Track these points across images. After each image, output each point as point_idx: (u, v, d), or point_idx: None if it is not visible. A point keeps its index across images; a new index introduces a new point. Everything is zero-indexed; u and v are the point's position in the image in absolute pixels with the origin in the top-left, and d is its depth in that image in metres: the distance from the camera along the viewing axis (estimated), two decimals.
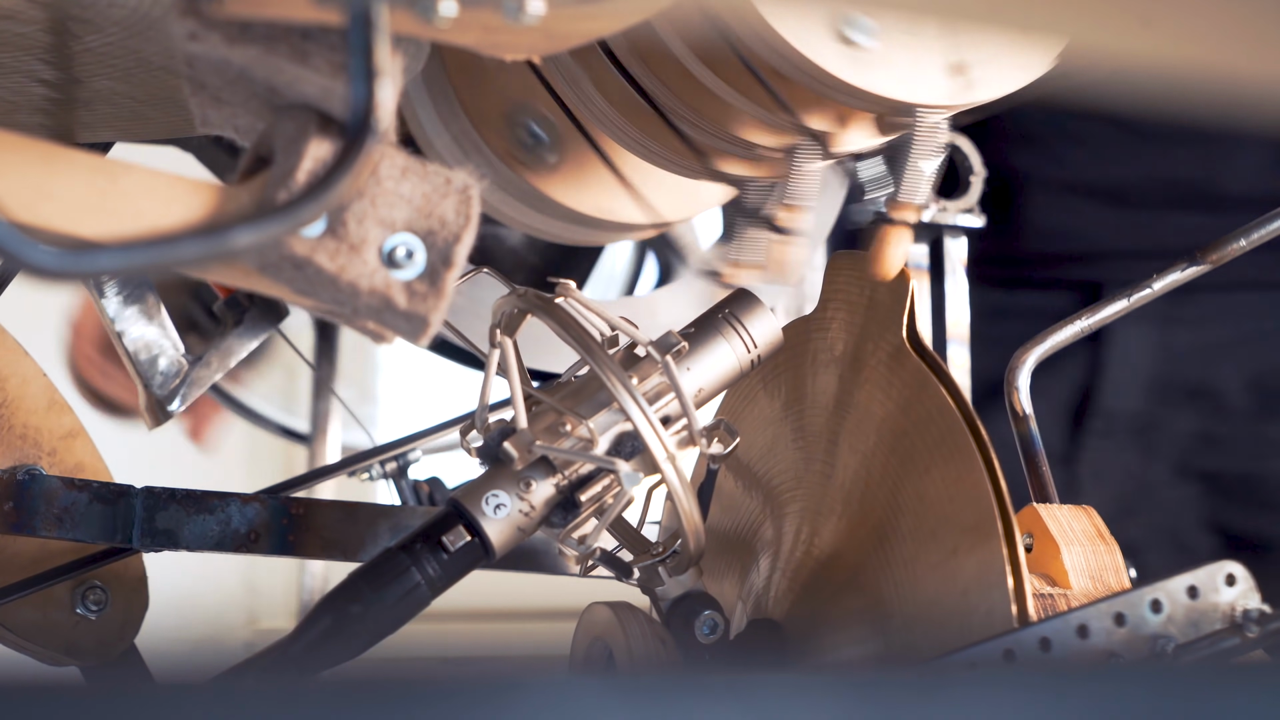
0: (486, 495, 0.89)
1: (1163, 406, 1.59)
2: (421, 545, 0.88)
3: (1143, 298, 1.06)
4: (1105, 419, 1.59)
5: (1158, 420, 1.59)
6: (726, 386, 0.95)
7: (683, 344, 0.92)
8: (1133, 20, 0.72)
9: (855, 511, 0.96)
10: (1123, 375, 1.58)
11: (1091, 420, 1.59)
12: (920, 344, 0.95)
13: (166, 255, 0.70)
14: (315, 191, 0.71)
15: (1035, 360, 1.04)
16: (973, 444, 0.90)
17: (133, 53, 0.84)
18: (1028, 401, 1.04)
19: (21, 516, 1.06)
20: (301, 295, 0.74)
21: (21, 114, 0.93)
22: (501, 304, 0.93)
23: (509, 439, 0.89)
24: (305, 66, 0.72)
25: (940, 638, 0.89)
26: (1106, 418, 1.59)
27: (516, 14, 0.70)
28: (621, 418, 0.90)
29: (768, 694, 0.61)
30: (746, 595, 1.03)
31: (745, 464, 1.05)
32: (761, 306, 0.95)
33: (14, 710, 0.57)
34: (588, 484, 0.90)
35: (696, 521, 0.90)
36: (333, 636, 0.86)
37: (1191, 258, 1.06)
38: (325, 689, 0.62)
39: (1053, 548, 0.94)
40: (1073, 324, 1.06)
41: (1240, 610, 0.86)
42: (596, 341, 0.90)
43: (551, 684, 0.60)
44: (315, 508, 1.11)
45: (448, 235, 0.74)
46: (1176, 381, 1.59)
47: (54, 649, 1.10)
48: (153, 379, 1.17)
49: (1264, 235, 1.05)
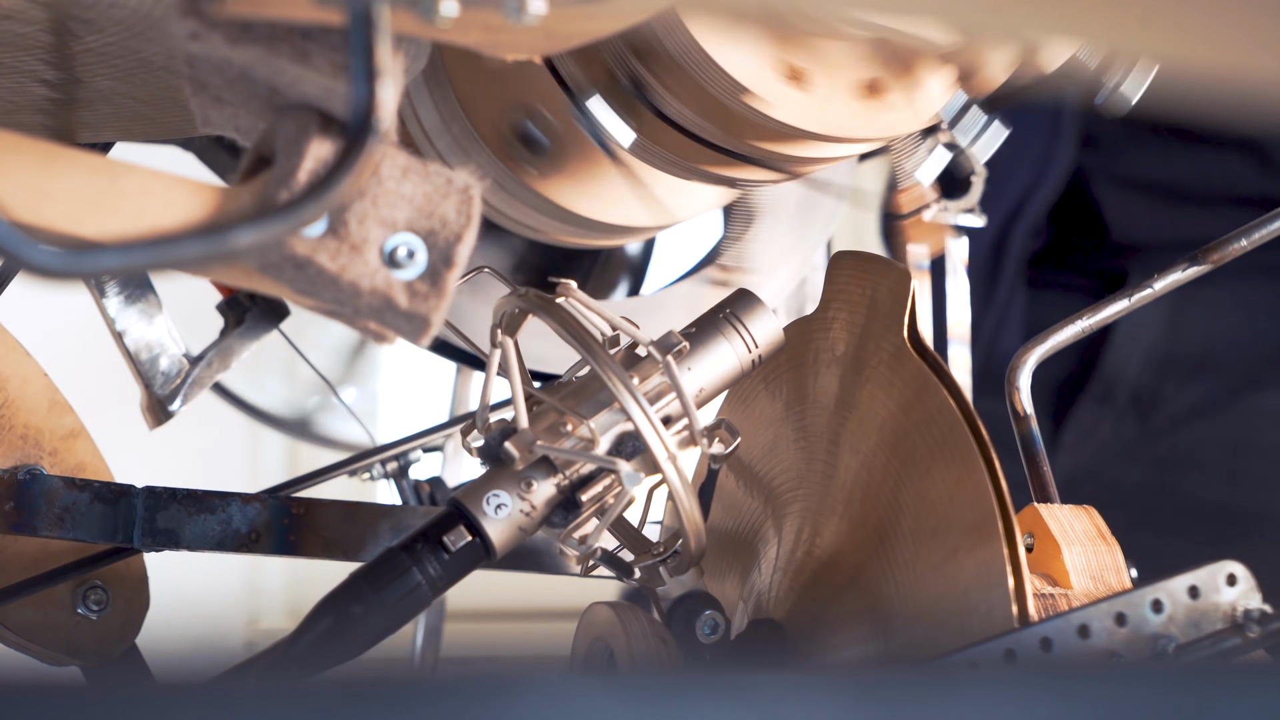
0: (487, 495, 0.89)
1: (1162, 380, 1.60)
2: (422, 545, 0.88)
3: (1143, 297, 1.06)
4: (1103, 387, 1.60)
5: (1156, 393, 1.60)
6: (728, 386, 0.95)
7: (684, 344, 0.92)
8: (1132, 20, 0.72)
9: (856, 512, 0.96)
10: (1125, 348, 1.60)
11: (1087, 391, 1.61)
12: (921, 344, 0.95)
13: (167, 255, 0.70)
14: (316, 191, 0.71)
15: (1036, 360, 1.05)
16: (974, 444, 0.90)
17: (134, 53, 0.84)
18: (1029, 401, 1.04)
19: (22, 516, 1.06)
20: (302, 295, 0.74)
21: (22, 114, 0.93)
22: (502, 304, 0.92)
23: (510, 439, 0.89)
24: (306, 66, 0.72)
25: (941, 638, 0.89)
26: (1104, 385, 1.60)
27: (518, 14, 0.70)
28: (623, 418, 0.90)
29: (768, 694, 0.61)
30: (748, 595, 1.03)
31: (747, 464, 1.05)
32: (762, 306, 0.95)
33: (14, 710, 0.57)
34: (589, 484, 0.90)
35: (697, 521, 0.90)
36: (334, 636, 0.86)
37: (1193, 258, 1.06)
38: (325, 689, 0.62)
39: (1054, 547, 0.94)
40: (1073, 324, 1.06)
41: (1241, 610, 0.86)
42: (597, 341, 0.90)
43: (551, 684, 0.60)
44: (316, 508, 1.11)
45: (449, 235, 0.74)
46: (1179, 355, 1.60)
47: (54, 649, 1.10)
48: (154, 379, 1.17)
49: (1265, 235, 1.06)
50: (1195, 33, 0.74)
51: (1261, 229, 1.06)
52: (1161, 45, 0.75)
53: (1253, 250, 1.05)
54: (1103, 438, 1.68)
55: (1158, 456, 1.66)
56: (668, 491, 0.90)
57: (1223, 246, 1.06)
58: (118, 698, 0.59)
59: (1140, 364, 1.67)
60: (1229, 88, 0.78)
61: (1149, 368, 1.67)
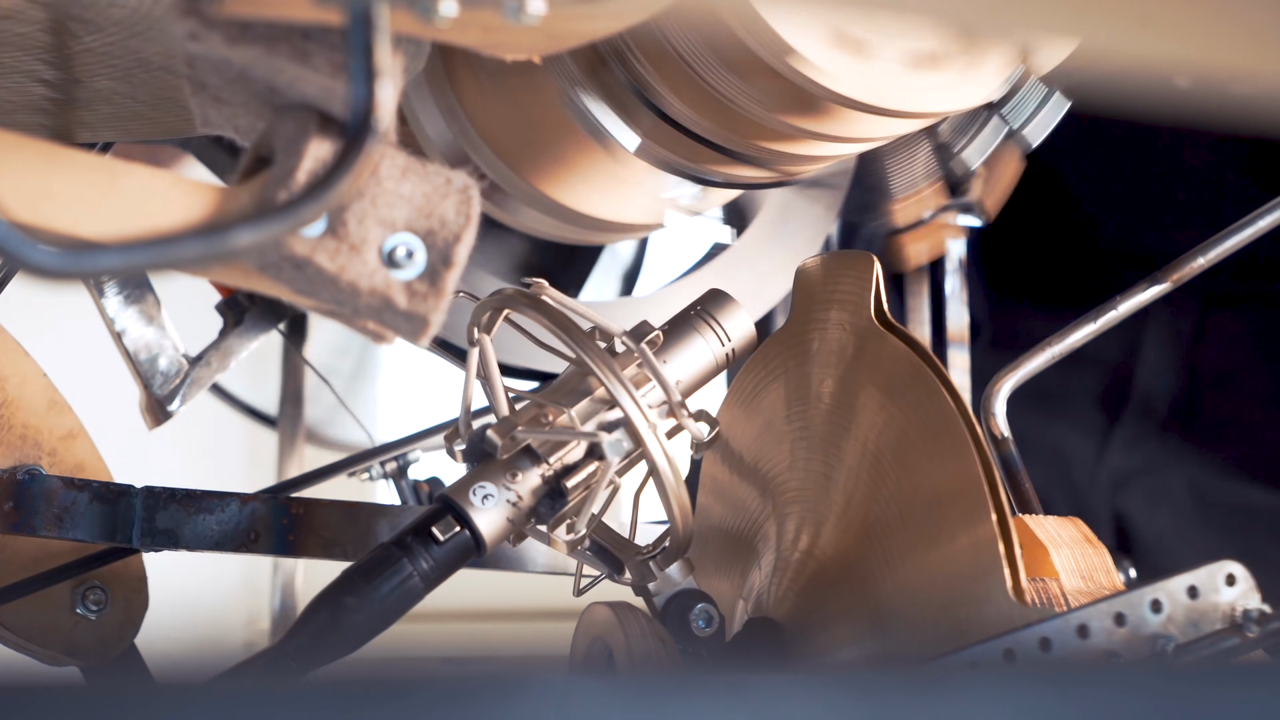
0: (474, 487, 0.90)
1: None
2: (413, 539, 0.89)
3: (1110, 320, 1.08)
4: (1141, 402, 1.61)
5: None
6: (704, 381, 0.96)
7: (657, 333, 0.93)
8: (1131, 20, 0.73)
9: (855, 511, 0.96)
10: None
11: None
12: (888, 320, 0.96)
13: (167, 255, 0.70)
14: (315, 191, 0.71)
15: (1010, 388, 1.08)
16: (968, 440, 0.90)
17: (133, 53, 0.84)
18: (1005, 425, 1.07)
19: (21, 516, 1.06)
20: (302, 295, 0.74)
21: (22, 114, 0.93)
22: (483, 304, 0.94)
23: (491, 428, 0.90)
24: (306, 66, 0.72)
25: (939, 630, 0.89)
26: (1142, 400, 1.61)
27: (517, 14, 0.70)
28: (603, 406, 0.91)
29: (768, 694, 0.61)
30: (748, 594, 1.03)
31: (748, 464, 1.05)
32: (734, 303, 0.97)
33: (14, 710, 0.57)
34: (574, 471, 0.91)
35: (684, 500, 0.90)
36: (329, 631, 0.87)
37: (1153, 278, 1.08)
38: (325, 689, 0.62)
39: (1041, 552, 0.94)
40: (1044, 351, 1.08)
41: (1240, 610, 0.86)
42: (580, 329, 0.91)
43: (551, 684, 0.60)
44: (315, 508, 1.11)
45: (448, 235, 0.74)
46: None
47: (54, 649, 1.10)
48: (153, 379, 1.17)
49: (1221, 252, 1.07)
50: (1195, 33, 0.74)
51: (1218, 245, 1.08)
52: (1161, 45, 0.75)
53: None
54: (1150, 449, 1.68)
55: (1207, 464, 1.66)
56: (656, 482, 0.91)
57: (1181, 265, 1.08)
58: (117, 698, 0.59)
59: (1174, 374, 1.67)
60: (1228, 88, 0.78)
61: (1184, 377, 1.66)
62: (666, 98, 1.03)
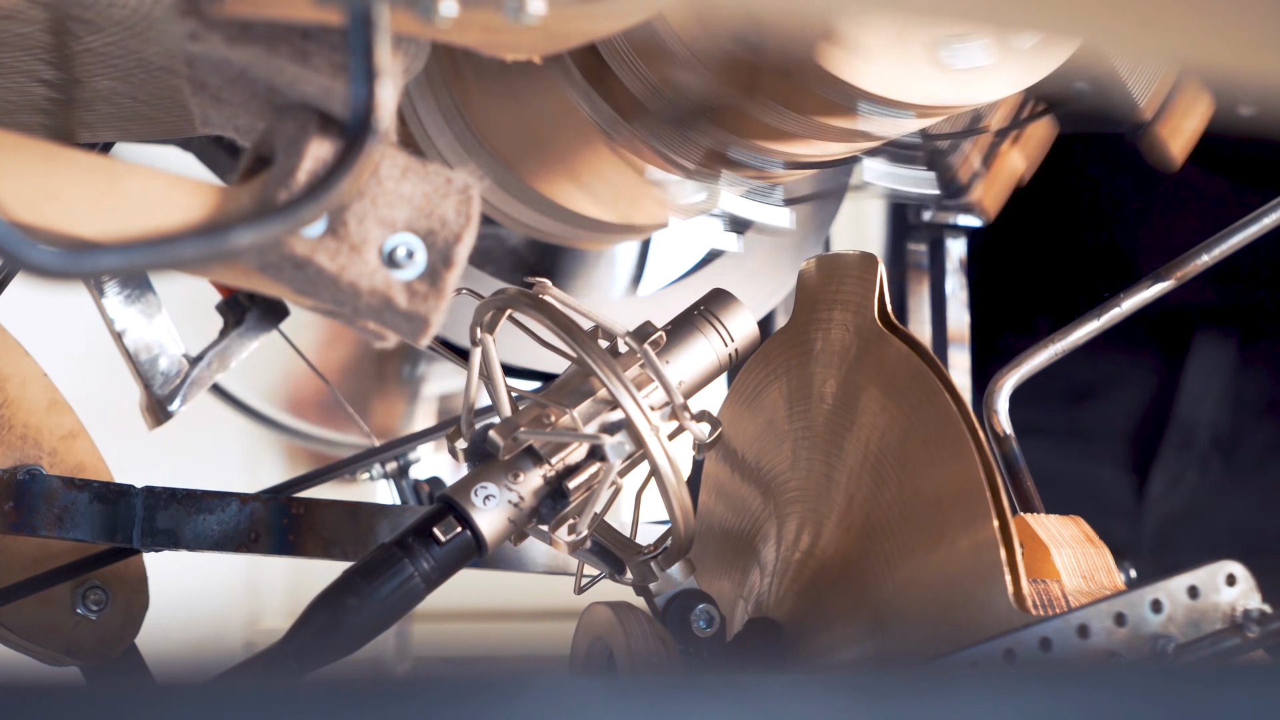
0: (476, 488, 0.90)
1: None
2: (414, 539, 0.89)
3: (1113, 317, 1.08)
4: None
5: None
6: (707, 381, 0.96)
7: (660, 333, 0.93)
8: (1131, 21, 0.73)
9: (856, 511, 0.96)
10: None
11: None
12: (891, 321, 0.96)
13: (167, 255, 0.70)
14: (316, 191, 0.71)
15: (1012, 386, 1.07)
16: (970, 442, 0.90)
17: (133, 53, 0.84)
18: (1007, 423, 1.06)
19: (22, 516, 1.06)
20: (302, 295, 0.74)
21: (22, 114, 0.93)
22: (485, 304, 0.94)
23: (494, 428, 0.90)
24: (306, 66, 0.72)
25: (940, 631, 0.89)
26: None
27: (517, 14, 0.70)
28: (605, 407, 0.91)
29: (768, 694, 0.61)
30: (748, 594, 1.03)
31: (749, 464, 1.05)
32: (738, 303, 0.96)
33: (14, 710, 0.57)
34: (575, 472, 0.91)
35: (685, 501, 0.90)
36: (330, 631, 0.87)
37: (1157, 275, 1.07)
38: (324, 689, 0.62)
39: (1043, 551, 0.94)
40: (1046, 348, 1.08)
41: (1241, 610, 0.86)
42: (582, 329, 0.91)
43: (551, 684, 0.60)
44: (315, 508, 1.11)
45: (448, 235, 0.74)
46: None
47: (54, 649, 1.10)
48: (153, 379, 1.17)
49: (1227, 249, 1.07)
50: (1195, 33, 0.74)
51: (1222, 243, 1.07)
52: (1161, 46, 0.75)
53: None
54: (1191, 483, 1.67)
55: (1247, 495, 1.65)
56: (658, 484, 0.91)
57: (1185, 263, 1.07)
58: (117, 698, 0.59)
59: (1216, 404, 1.66)
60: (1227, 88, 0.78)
61: (1225, 408, 1.66)
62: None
